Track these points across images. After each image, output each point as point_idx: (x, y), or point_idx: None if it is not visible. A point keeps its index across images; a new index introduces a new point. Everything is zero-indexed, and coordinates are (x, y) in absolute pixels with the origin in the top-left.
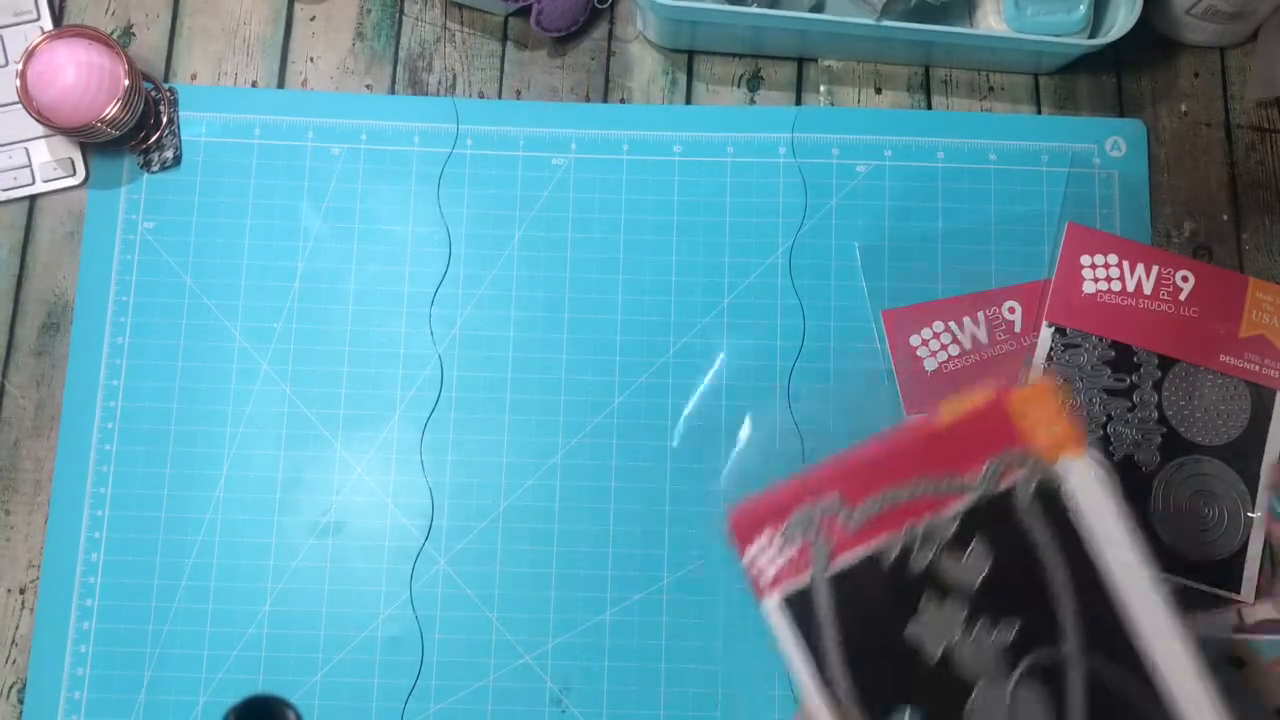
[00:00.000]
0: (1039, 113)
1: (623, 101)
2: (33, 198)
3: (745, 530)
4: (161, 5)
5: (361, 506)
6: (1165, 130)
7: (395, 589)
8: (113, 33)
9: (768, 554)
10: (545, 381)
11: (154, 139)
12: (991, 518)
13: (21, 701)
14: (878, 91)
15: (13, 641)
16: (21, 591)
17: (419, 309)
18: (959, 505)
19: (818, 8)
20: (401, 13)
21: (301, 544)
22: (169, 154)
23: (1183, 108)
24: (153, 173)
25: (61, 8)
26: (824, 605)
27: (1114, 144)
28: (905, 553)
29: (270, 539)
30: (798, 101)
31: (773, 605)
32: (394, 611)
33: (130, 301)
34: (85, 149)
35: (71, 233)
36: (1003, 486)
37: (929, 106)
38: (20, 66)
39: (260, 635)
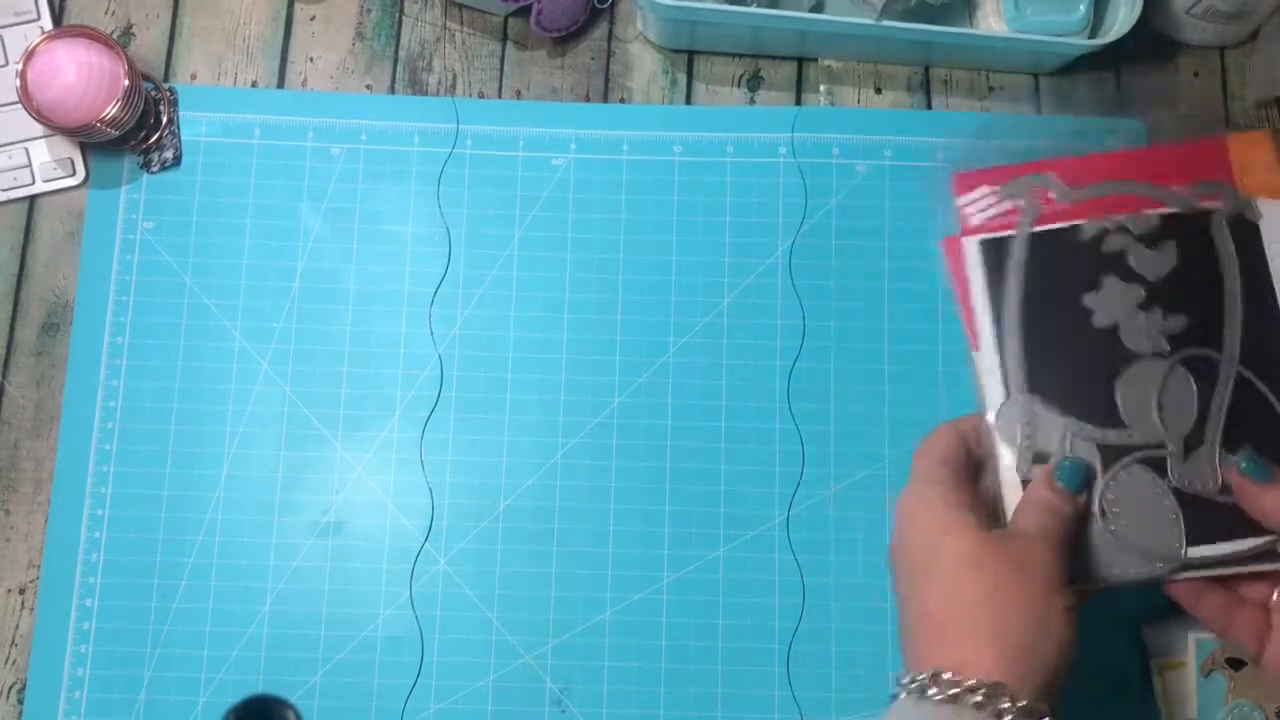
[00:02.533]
0: (1039, 113)
1: (623, 101)
2: (33, 198)
3: (964, 184)
4: (161, 5)
5: (361, 506)
6: (1165, 130)
7: (395, 589)
8: (113, 33)
9: (979, 204)
10: (545, 381)
11: (154, 139)
12: (1188, 227)
13: (21, 701)
14: (878, 91)
15: (13, 642)
16: (21, 591)
17: (419, 309)
18: (1162, 210)
19: (818, 8)
20: (401, 13)
21: (301, 544)
22: (169, 154)
23: (1183, 108)
24: (153, 173)
25: (61, 8)
26: (1018, 255)
27: (1113, 144)
28: (1104, 233)
29: (270, 539)
30: (798, 101)
31: (971, 244)
32: (394, 611)
33: (130, 301)
34: (85, 149)
35: (71, 233)
36: (1203, 205)
37: (929, 106)
38: (20, 66)
39: (260, 635)
